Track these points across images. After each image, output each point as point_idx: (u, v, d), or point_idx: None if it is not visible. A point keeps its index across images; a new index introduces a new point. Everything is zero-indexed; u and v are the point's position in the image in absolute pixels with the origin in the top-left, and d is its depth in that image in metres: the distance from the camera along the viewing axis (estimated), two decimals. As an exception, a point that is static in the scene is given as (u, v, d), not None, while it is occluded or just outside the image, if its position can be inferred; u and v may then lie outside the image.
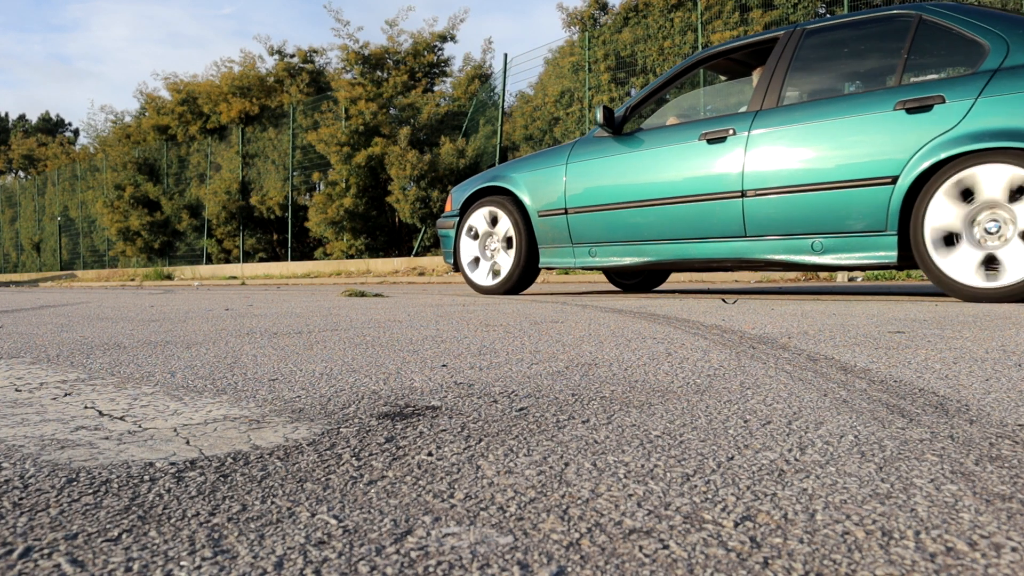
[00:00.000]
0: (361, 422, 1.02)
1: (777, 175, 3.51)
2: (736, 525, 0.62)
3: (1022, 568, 0.53)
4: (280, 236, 18.68)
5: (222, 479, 0.76)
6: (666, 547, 0.57)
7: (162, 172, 20.88)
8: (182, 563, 0.55)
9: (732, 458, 0.82)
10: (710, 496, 0.69)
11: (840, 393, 1.17)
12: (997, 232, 3.02)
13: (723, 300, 3.64)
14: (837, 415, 1.02)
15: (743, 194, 3.60)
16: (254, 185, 18.17)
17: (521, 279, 4.55)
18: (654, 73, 12.49)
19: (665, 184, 3.88)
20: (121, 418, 1.07)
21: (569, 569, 0.54)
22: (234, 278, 15.85)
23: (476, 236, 4.74)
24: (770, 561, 0.54)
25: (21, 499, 0.70)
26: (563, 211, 4.29)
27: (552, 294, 4.98)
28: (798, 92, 3.71)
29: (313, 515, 0.65)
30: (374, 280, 12.43)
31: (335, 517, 0.65)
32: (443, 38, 17.12)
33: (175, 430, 0.98)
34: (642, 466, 0.79)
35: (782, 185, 3.49)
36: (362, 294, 5.20)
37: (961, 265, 3.07)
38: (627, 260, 4.13)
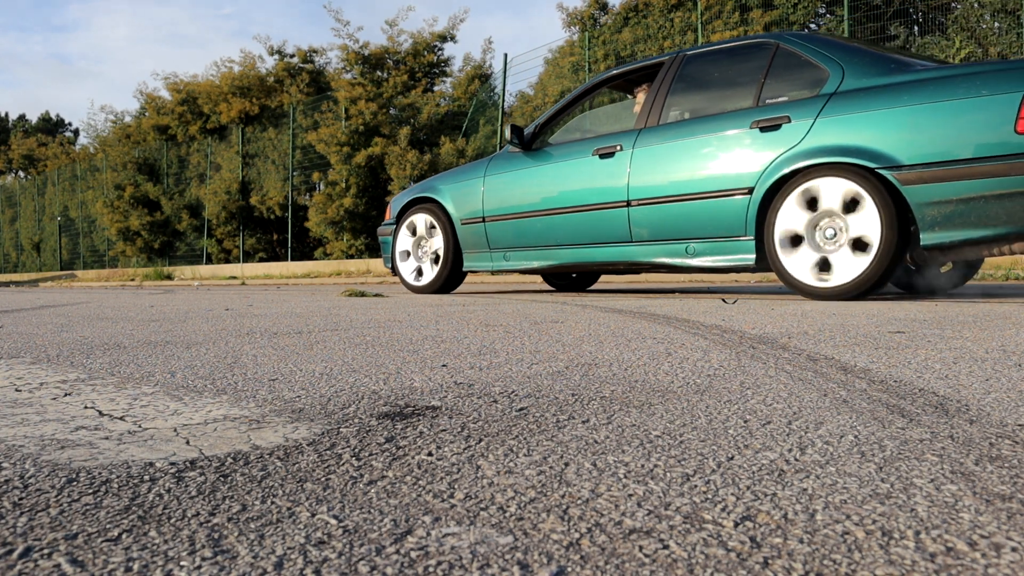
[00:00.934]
0: (361, 422, 1.02)
1: (656, 187, 3.90)
2: (736, 525, 0.62)
3: (1022, 568, 0.53)
4: (280, 236, 18.69)
5: (222, 479, 0.76)
6: (666, 547, 0.57)
7: (162, 172, 20.89)
8: (182, 563, 0.55)
9: (732, 458, 0.82)
10: (710, 496, 0.69)
11: (840, 393, 1.17)
12: (833, 238, 3.39)
13: (723, 300, 3.64)
14: (837, 415, 1.02)
15: (628, 204, 4.00)
16: (254, 185, 18.18)
17: (448, 281, 5.00)
18: (654, 73, 12.49)
19: (566, 195, 4.29)
20: (121, 418, 1.07)
21: (569, 569, 0.54)
22: (234, 278, 15.85)
23: (409, 242, 5.21)
24: (770, 561, 0.54)
25: (21, 499, 0.70)
26: (481, 219, 4.72)
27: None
28: (677, 112, 4.09)
29: (313, 515, 0.65)
30: (374, 280, 12.43)
31: (335, 517, 0.65)
32: (443, 38, 17.12)
33: (175, 430, 0.98)
34: (642, 466, 0.79)
35: (660, 196, 3.88)
36: (362, 294, 5.20)
37: (801, 265, 3.44)
38: (535, 264, 4.56)
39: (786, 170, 3.43)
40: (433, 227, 5.03)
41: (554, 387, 1.27)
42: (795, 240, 3.47)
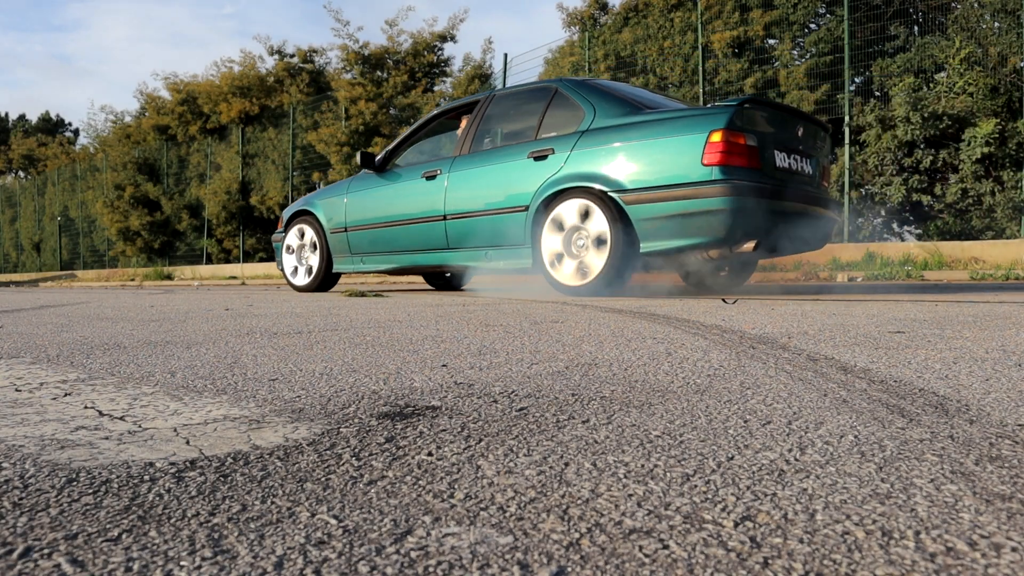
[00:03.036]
0: (361, 422, 1.02)
1: (464, 205, 4.72)
2: (736, 525, 0.62)
3: (1022, 568, 0.53)
4: (280, 236, 18.66)
5: (222, 479, 0.76)
6: (666, 547, 0.57)
7: (162, 172, 20.88)
8: (182, 563, 0.55)
9: (732, 458, 0.82)
10: (710, 496, 0.69)
11: (840, 393, 1.17)
12: (583, 245, 4.16)
13: (723, 300, 3.64)
14: (837, 415, 1.02)
15: (445, 218, 4.82)
16: (254, 185, 18.17)
17: (324, 281, 5.90)
18: (654, 73, 12.48)
19: (403, 210, 5.15)
20: (121, 418, 1.07)
21: (569, 569, 0.54)
22: (234, 278, 15.84)
23: (293, 248, 6.07)
24: (770, 561, 0.54)
25: (21, 499, 0.70)
26: (344, 229, 5.59)
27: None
28: (484, 142, 4.92)
29: (313, 515, 0.65)
30: (374, 280, 12.42)
31: (335, 517, 0.65)
32: (443, 38, 17.12)
33: (175, 430, 0.98)
34: (642, 466, 0.79)
35: (466, 212, 4.70)
36: (362, 294, 5.20)
37: (564, 270, 4.23)
38: (384, 266, 5.40)
39: (549, 192, 4.22)
40: (311, 236, 5.90)
41: (554, 387, 1.27)
42: (555, 248, 4.26)
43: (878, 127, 9.86)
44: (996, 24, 9.62)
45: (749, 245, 3.87)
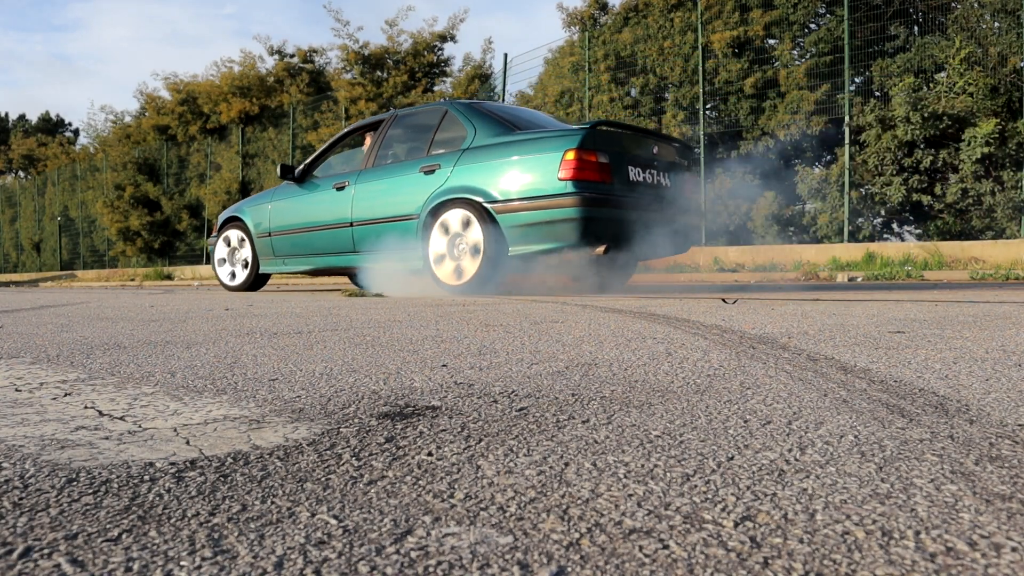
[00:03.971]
0: (361, 422, 1.02)
1: (367, 213, 5.30)
2: (736, 525, 0.62)
3: (1022, 568, 0.53)
4: (280, 236, 18.66)
5: (222, 479, 0.76)
6: (666, 547, 0.57)
7: (162, 172, 20.88)
8: (182, 563, 0.55)
9: (732, 458, 0.82)
10: (710, 496, 0.69)
11: (840, 393, 1.17)
12: (463, 249, 4.68)
13: (723, 300, 3.64)
14: (837, 415, 1.02)
15: (352, 225, 5.39)
16: (254, 185, 18.17)
17: (254, 282, 6.43)
18: (654, 73, 12.48)
19: (317, 217, 5.72)
20: (121, 418, 1.07)
21: (569, 569, 0.54)
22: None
23: (226, 251, 6.60)
24: (770, 561, 0.54)
25: (21, 499, 0.70)
26: (268, 234, 6.15)
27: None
28: (386, 157, 5.54)
29: (313, 515, 0.65)
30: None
31: (335, 517, 0.65)
32: (443, 38, 17.12)
33: (175, 430, 0.98)
34: (642, 466, 0.79)
35: (369, 219, 5.28)
36: (362, 294, 5.20)
37: (445, 270, 4.80)
38: (302, 268, 5.92)
39: (436, 202, 4.78)
40: (242, 240, 6.44)
41: (554, 387, 1.27)
42: (440, 252, 4.79)
43: (878, 127, 9.86)
44: (996, 24, 9.62)
45: (600, 249, 4.44)
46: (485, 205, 4.53)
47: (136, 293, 7.21)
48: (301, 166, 6.03)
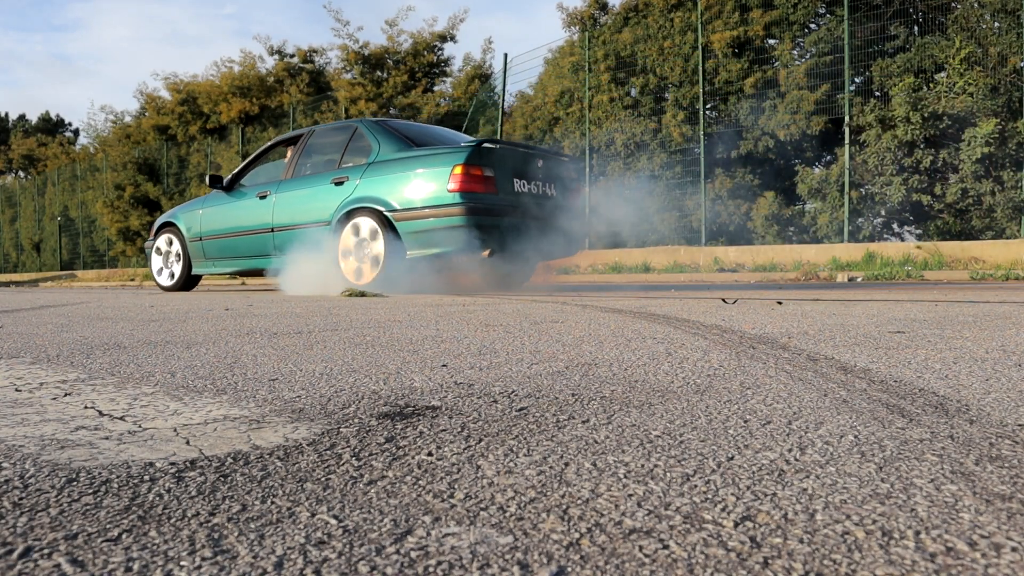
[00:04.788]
0: (361, 422, 1.02)
1: (285, 220, 5.89)
2: (736, 525, 0.62)
3: (1022, 568, 0.53)
4: (280, 236, 18.65)
5: (222, 479, 0.76)
6: (666, 547, 0.57)
7: (162, 172, 20.88)
8: (182, 563, 0.55)
9: (732, 458, 0.82)
10: (710, 496, 0.69)
11: (840, 393, 1.17)
12: (368, 252, 5.28)
13: (723, 300, 3.64)
14: (837, 415, 1.02)
15: (272, 230, 5.99)
16: (254, 185, 18.15)
17: (186, 282, 6.99)
18: (654, 73, 12.48)
19: (243, 223, 6.28)
20: (121, 418, 1.07)
21: (569, 569, 0.54)
22: (234, 278, 15.82)
23: (161, 254, 7.22)
24: (770, 561, 0.54)
25: (21, 499, 0.70)
26: (200, 238, 6.71)
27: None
28: (304, 168, 6.11)
29: (313, 515, 0.65)
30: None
31: (335, 517, 0.65)
32: (443, 38, 17.12)
33: (175, 430, 0.98)
34: (642, 466, 0.79)
35: (287, 225, 5.87)
36: (362, 294, 5.20)
37: (353, 271, 5.39)
38: (229, 269, 6.49)
39: (344, 211, 5.38)
40: (173, 243, 7.05)
41: (554, 387, 1.27)
42: (349, 255, 5.38)
43: (878, 127, 9.86)
44: (996, 24, 9.62)
45: (485, 253, 4.99)
46: (386, 214, 5.13)
47: (136, 293, 7.21)
48: (230, 176, 6.63)
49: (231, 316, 3.11)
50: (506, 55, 14.78)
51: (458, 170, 4.83)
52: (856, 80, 11.16)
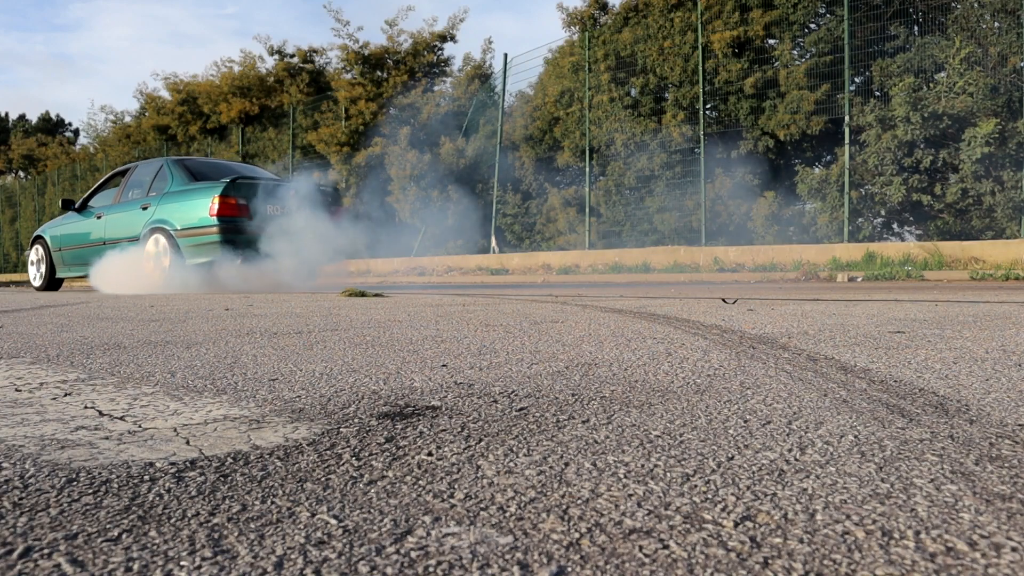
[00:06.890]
0: (361, 422, 1.02)
1: (111, 235, 7.73)
2: (736, 525, 0.62)
3: (1022, 568, 0.53)
4: (280, 236, 18.63)
5: (222, 479, 0.76)
6: (666, 547, 0.57)
7: (162, 172, 20.85)
8: (182, 563, 0.55)
9: (732, 458, 0.82)
10: (710, 496, 0.69)
11: (840, 393, 1.17)
12: (160, 262, 6.96)
13: (723, 300, 3.64)
14: (837, 415, 1.02)
15: (104, 243, 7.78)
16: (254, 185, 18.14)
17: (50, 284, 8.90)
18: (654, 73, 12.48)
19: (85, 238, 8.15)
20: (121, 418, 1.07)
21: (569, 569, 0.54)
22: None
23: (35, 261, 9.17)
24: (770, 561, 0.54)
25: (21, 499, 0.70)
26: (59, 249, 8.62)
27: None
28: (127, 195, 7.91)
29: (313, 515, 0.65)
30: (374, 279, 12.43)
31: (335, 517, 0.65)
32: (443, 38, 17.12)
33: (175, 430, 0.98)
34: (642, 466, 0.79)
35: (112, 239, 7.68)
36: (362, 294, 5.20)
37: (154, 275, 7.05)
38: (80, 273, 8.22)
39: (146, 229, 7.18)
40: (42, 253, 8.96)
41: (554, 387, 1.27)
42: (149, 263, 7.03)
43: (878, 127, 9.86)
44: (996, 24, 9.62)
45: (238, 261, 6.72)
46: (171, 232, 6.95)
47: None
48: (82, 199, 8.58)
49: (231, 316, 3.11)
50: (506, 55, 14.78)
51: (216, 200, 6.67)
52: (856, 80, 11.16)
